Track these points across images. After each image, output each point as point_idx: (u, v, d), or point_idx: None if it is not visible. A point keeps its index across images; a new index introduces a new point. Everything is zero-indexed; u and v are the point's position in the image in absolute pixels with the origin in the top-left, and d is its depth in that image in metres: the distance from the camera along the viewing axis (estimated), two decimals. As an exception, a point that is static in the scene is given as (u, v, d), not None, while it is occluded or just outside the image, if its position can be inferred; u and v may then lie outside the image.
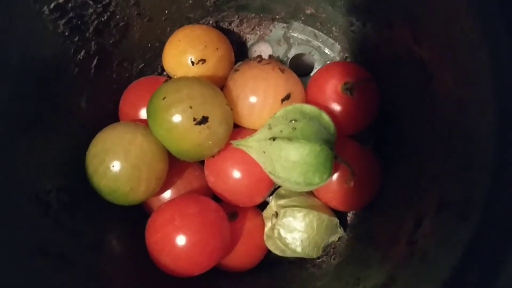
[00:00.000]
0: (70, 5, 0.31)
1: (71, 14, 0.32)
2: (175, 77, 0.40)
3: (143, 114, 0.38)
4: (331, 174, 0.35)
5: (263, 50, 0.44)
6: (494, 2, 0.23)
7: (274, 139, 0.34)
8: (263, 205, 0.40)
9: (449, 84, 0.27)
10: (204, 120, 0.33)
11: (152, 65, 0.42)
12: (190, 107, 0.33)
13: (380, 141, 0.40)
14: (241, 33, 0.44)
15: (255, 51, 0.44)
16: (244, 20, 0.43)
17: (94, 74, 0.36)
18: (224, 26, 0.43)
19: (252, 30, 0.43)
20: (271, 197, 0.40)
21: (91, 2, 0.32)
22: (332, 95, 0.37)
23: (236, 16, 0.43)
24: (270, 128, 0.35)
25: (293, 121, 0.34)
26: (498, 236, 0.21)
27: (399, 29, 0.31)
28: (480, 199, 0.23)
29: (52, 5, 0.30)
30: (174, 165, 0.37)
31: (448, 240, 0.24)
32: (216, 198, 0.39)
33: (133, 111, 0.38)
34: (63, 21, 0.32)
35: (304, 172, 0.34)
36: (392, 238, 0.31)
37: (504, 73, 0.23)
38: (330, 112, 0.37)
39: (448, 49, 0.26)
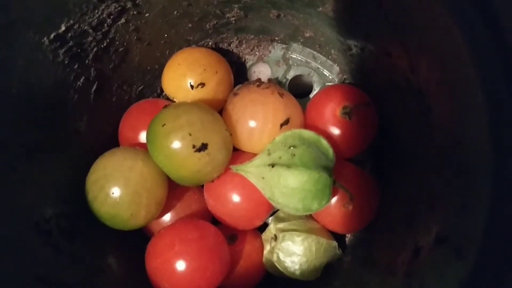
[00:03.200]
0: (69, 34, 0.31)
1: (70, 43, 0.32)
2: (174, 99, 0.40)
3: (143, 137, 0.38)
4: (329, 200, 0.35)
5: (262, 70, 0.44)
6: (491, 41, 0.23)
7: (273, 165, 0.34)
8: (263, 225, 0.40)
9: (446, 117, 0.27)
10: (203, 147, 0.33)
11: (151, 87, 0.42)
12: (190, 134, 0.33)
13: (379, 165, 0.40)
14: (240, 53, 0.44)
15: (254, 71, 0.44)
16: (243, 41, 0.43)
17: (93, 99, 0.36)
18: (223, 47, 0.43)
19: (251, 51, 0.44)
20: (270, 218, 0.40)
21: (90, 30, 0.33)
22: (331, 119, 0.38)
23: (235, 38, 0.43)
24: (269, 153, 0.35)
25: (292, 148, 0.34)
26: (494, 276, 0.22)
27: (397, 59, 0.31)
28: (477, 236, 0.23)
29: (52, 35, 0.30)
30: (174, 189, 0.37)
31: (445, 276, 0.24)
32: (215, 220, 0.39)
33: (133, 135, 0.39)
34: (63, 50, 0.32)
35: (303, 198, 0.34)
36: (391, 265, 0.31)
37: (500, 110, 0.23)
38: (329, 136, 0.37)
39: (445, 84, 0.26)
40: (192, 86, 0.38)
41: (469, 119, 0.25)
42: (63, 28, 0.31)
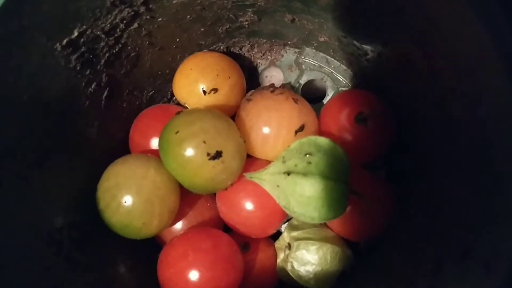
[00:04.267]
0: (82, 40, 0.31)
1: (83, 49, 0.31)
2: (186, 105, 0.39)
3: (154, 144, 0.37)
4: (346, 208, 0.34)
5: (274, 75, 0.43)
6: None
7: (288, 173, 0.33)
8: (276, 233, 0.39)
9: (470, 127, 0.26)
10: (217, 155, 0.32)
11: (162, 91, 0.42)
12: (204, 142, 0.32)
13: (396, 171, 0.39)
14: (252, 58, 0.43)
15: (266, 76, 0.43)
16: (255, 45, 0.42)
17: (104, 105, 0.36)
18: (235, 51, 0.43)
19: (263, 55, 0.43)
20: (283, 226, 0.40)
21: (103, 35, 0.32)
22: (346, 125, 0.37)
23: (247, 42, 0.42)
24: (284, 161, 0.34)
25: (307, 155, 0.34)
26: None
27: (417, 64, 0.31)
28: (508, 249, 0.22)
29: (65, 41, 0.30)
30: (186, 196, 0.37)
31: (472, 292, 0.23)
32: (227, 227, 0.38)
33: (144, 141, 0.38)
34: (75, 56, 0.31)
35: (319, 207, 0.33)
36: (411, 277, 0.31)
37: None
38: (344, 142, 0.36)
39: (471, 94, 0.25)
40: (204, 92, 0.37)
41: (496, 128, 0.24)
42: (75, 33, 0.30)
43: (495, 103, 0.24)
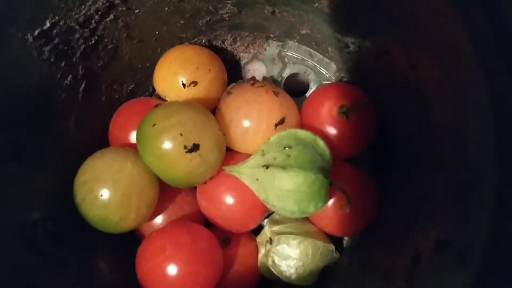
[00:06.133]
0: (55, 31, 0.30)
1: (56, 40, 0.31)
2: (166, 98, 0.39)
3: (133, 137, 0.37)
4: (326, 202, 0.34)
5: (257, 69, 0.43)
6: (495, 39, 0.22)
7: (267, 167, 0.33)
8: (257, 228, 0.39)
9: (447, 118, 0.26)
10: (195, 147, 0.32)
11: (143, 85, 0.41)
12: (181, 135, 0.32)
13: (378, 165, 0.39)
14: (235, 51, 0.43)
15: (249, 70, 0.43)
16: (238, 39, 0.42)
17: (82, 98, 0.35)
18: (217, 45, 0.42)
19: (246, 48, 0.42)
20: (265, 220, 0.39)
21: (77, 27, 0.31)
22: (328, 119, 0.36)
23: (229, 35, 0.42)
24: (263, 154, 0.34)
25: (287, 148, 0.33)
26: (498, 285, 0.21)
27: (396, 56, 0.30)
28: (480, 244, 0.22)
29: (36, 32, 0.29)
30: (165, 190, 0.36)
31: (447, 283, 0.23)
32: (208, 222, 0.38)
33: (123, 135, 0.37)
34: (48, 47, 0.30)
35: (299, 201, 0.33)
36: (391, 269, 0.30)
37: (505, 111, 0.22)
38: (325, 136, 0.36)
39: (447, 83, 0.25)
40: (184, 85, 0.37)
41: (472, 119, 0.24)
42: (48, 24, 0.29)
43: (470, 94, 0.24)
